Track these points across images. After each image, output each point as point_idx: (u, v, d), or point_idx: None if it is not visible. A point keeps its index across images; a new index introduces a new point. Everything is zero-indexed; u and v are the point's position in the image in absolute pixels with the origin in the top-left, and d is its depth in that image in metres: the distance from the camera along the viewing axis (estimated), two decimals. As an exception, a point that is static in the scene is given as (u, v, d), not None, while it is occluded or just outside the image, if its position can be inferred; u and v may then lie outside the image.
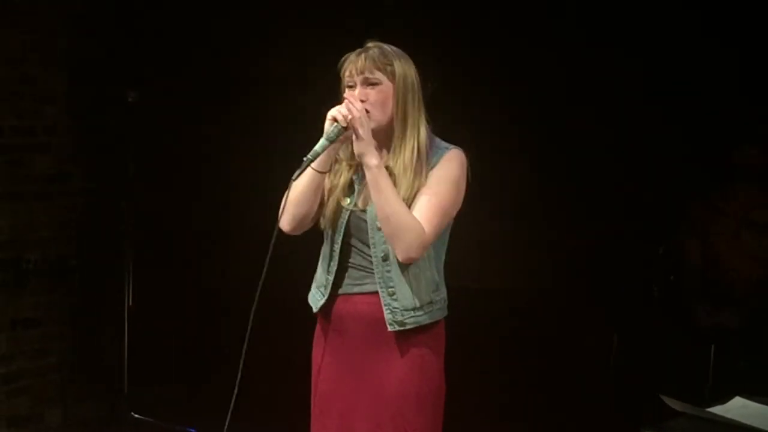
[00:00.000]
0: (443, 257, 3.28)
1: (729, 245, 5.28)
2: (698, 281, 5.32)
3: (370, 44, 3.25)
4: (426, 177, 3.19)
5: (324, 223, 3.28)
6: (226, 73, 5.92)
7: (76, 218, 5.75)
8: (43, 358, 5.66)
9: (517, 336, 5.72)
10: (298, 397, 3.48)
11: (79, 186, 5.75)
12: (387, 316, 3.18)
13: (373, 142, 3.14)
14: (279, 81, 5.83)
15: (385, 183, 3.11)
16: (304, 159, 3.14)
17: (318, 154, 3.14)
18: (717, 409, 2.84)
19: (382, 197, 3.11)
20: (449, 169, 3.20)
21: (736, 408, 2.85)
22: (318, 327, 3.34)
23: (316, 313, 3.33)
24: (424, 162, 3.20)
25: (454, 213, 3.22)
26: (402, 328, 3.18)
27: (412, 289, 3.19)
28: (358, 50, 3.24)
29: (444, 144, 3.26)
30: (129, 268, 5.38)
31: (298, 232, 3.29)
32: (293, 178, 3.15)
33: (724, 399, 2.91)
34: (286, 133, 5.64)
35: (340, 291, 3.26)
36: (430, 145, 3.22)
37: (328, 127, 3.16)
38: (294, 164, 3.23)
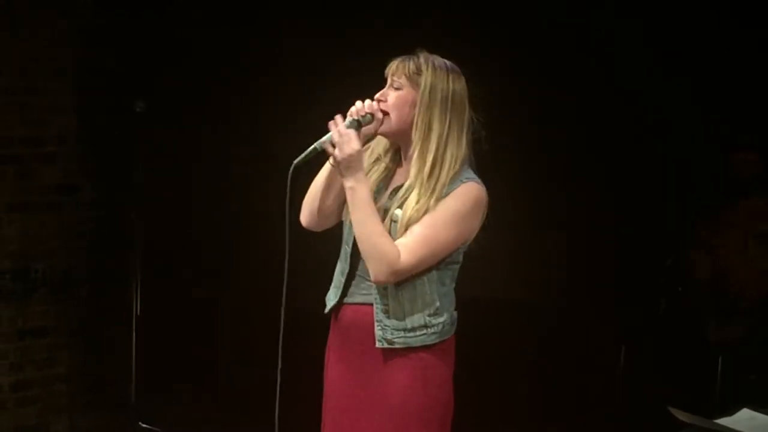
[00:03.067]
0: (447, 283, 3.20)
1: (736, 257, 5.28)
2: (706, 293, 5.31)
3: (418, 52, 3.20)
4: (436, 202, 3.10)
5: (343, 225, 3.25)
6: (233, 83, 5.93)
7: (84, 228, 5.76)
8: (51, 368, 5.67)
9: (523, 346, 5.71)
10: (310, 401, 3.48)
11: (87, 196, 5.77)
12: (377, 331, 3.15)
13: (363, 157, 3.11)
14: (285, 91, 5.84)
15: (363, 202, 3.07)
16: (311, 147, 3.13)
17: (324, 143, 3.11)
18: (724, 421, 2.84)
19: (358, 216, 3.07)
20: (457, 203, 3.11)
21: (744, 420, 2.85)
22: (330, 331, 3.31)
23: (328, 314, 3.30)
24: (441, 185, 3.11)
25: (451, 248, 3.12)
26: (390, 346, 3.14)
27: (404, 310, 3.13)
28: (403, 56, 3.20)
29: (469, 175, 3.17)
30: (136, 277, 5.39)
31: (317, 228, 3.26)
32: (295, 162, 3.12)
33: (731, 411, 2.91)
34: (294, 142, 5.65)
35: (346, 300, 3.23)
36: (458, 172, 3.14)
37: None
38: (305, 173, 3.23)
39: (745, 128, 5.28)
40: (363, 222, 3.07)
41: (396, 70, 3.17)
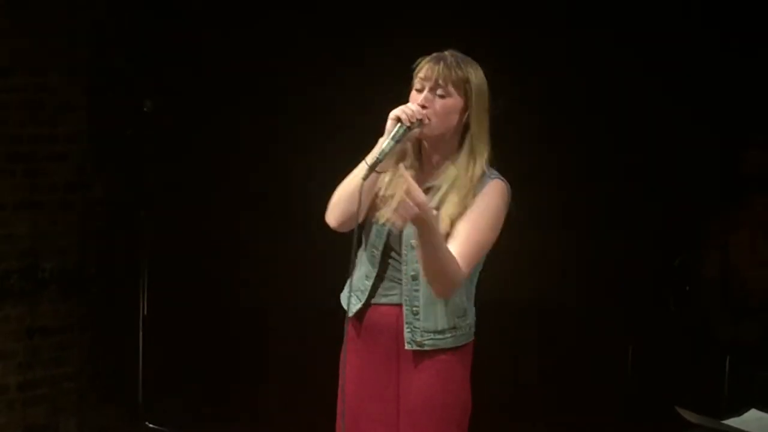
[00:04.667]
0: (474, 282, 3.24)
1: (746, 256, 5.27)
2: (715, 292, 5.30)
3: (447, 53, 3.19)
4: (473, 197, 3.13)
5: (370, 228, 3.23)
6: (243, 82, 5.94)
7: (93, 227, 5.77)
8: (59, 367, 5.67)
9: (530, 346, 5.71)
10: (321, 399, 3.47)
11: (97, 195, 5.78)
12: (406, 334, 3.17)
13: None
14: (297, 89, 5.84)
15: (433, 230, 3.01)
16: (370, 160, 3.09)
17: (386, 154, 3.09)
18: (732, 422, 2.83)
19: (432, 244, 3.02)
20: (493, 200, 3.15)
21: (752, 420, 2.84)
22: (350, 331, 3.27)
23: (348, 318, 3.26)
24: (476, 181, 3.15)
25: (490, 247, 3.17)
26: (420, 348, 3.17)
27: (436, 313, 3.16)
28: (437, 55, 3.18)
29: (494, 173, 3.20)
30: (144, 277, 5.40)
31: (345, 229, 3.20)
32: (362, 176, 3.08)
33: (739, 411, 2.90)
34: (304, 141, 5.66)
35: (373, 300, 3.23)
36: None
37: (391, 127, 3.11)
38: (309, 172, 3.22)
39: (755, 126, 5.27)
40: (436, 248, 3.02)
41: (440, 76, 3.14)
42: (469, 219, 3.11)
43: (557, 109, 5.58)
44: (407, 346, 3.16)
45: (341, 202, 3.19)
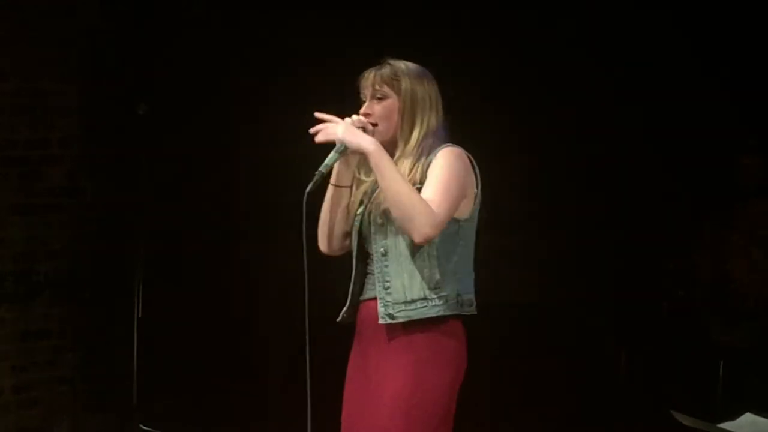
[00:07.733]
0: (455, 259, 3.24)
1: (739, 261, 5.29)
2: (708, 297, 5.32)
3: (387, 61, 3.29)
4: (425, 166, 3.21)
5: (350, 239, 3.36)
6: (237, 86, 5.94)
7: (87, 230, 5.77)
8: (54, 370, 5.67)
9: (524, 349, 5.72)
10: (316, 405, 3.48)
11: (91, 198, 5.78)
12: (380, 309, 3.22)
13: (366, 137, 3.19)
14: (292, 93, 5.85)
15: (387, 165, 3.14)
16: (316, 172, 3.20)
17: (328, 167, 3.21)
18: (727, 425, 2.84)
19: (387, 178, 3.14)
20: (443, 158, 3.20)
21: (747, 424, 2.85)
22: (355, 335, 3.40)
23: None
24: (426, 150, 3.22)
25: (460, 200, 3.20)
26: (392, 321, 3.20)
27: (404, 284, 3.20)
28: (374, 67, 3.29)
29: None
30: (139, 280, 5.39)
31: (337, 252, 3.36)
32: (307, 190, 3.19)
33: (734, 415, 2.92)
34: (300, 145, 5.65)
35: (361, 297, 3.32)
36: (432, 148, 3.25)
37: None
38: (307, 177, 3.25)
39: (750, 132, 5.30)
40: (396, 180, 3.13)
41: (375, 80, 3.25)
42: (429, 176, 3.18)
43: (552, 112, 5.60)
44: (381, 321, 3.21)
45: (322, 227, 3.33)
